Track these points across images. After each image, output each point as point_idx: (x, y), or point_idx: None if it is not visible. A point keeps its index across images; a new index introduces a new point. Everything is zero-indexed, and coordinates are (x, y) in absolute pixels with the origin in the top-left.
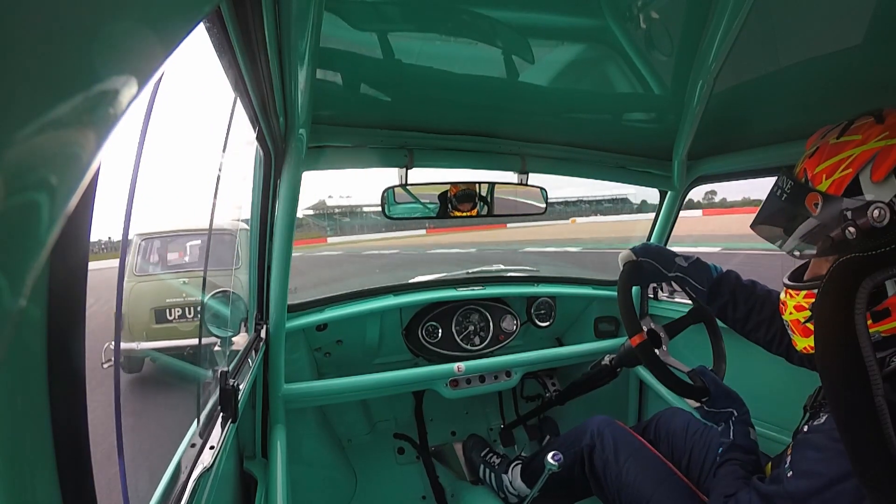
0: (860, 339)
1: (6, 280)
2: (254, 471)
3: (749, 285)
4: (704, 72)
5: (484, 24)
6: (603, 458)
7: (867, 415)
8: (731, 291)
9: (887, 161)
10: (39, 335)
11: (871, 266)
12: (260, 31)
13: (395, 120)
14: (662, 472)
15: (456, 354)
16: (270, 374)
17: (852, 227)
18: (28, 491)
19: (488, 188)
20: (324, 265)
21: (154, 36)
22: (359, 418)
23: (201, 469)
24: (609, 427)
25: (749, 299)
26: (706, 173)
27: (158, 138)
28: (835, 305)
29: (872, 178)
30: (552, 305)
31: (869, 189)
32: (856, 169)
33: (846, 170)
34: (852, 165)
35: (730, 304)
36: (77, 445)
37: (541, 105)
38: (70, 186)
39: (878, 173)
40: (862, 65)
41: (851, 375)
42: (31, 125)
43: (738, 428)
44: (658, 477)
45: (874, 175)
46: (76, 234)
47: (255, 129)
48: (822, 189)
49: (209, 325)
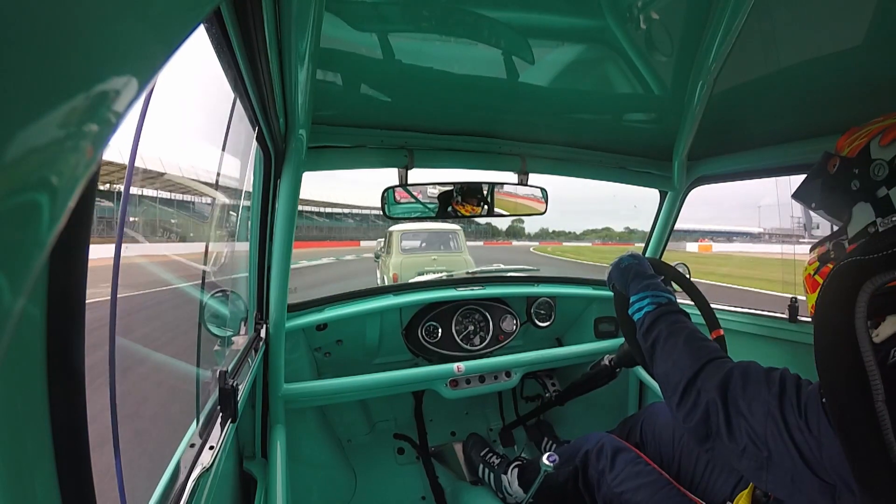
0: (860, 343)
1: (6, 280)
2: (253, 471)
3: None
4: (704, 72)
5: (484, 24)
6: (598, 470)
7: (867, 420)
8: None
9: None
10: (39, 335)
11: (872, 269)
12: (260, 32)
13: (395, 120)
14: (658, 483)
15: (456, 354)
16: (270, 373)
17: (857, 180)
18: (28, 491)
19: (488, 188)
20: None
21: (154, 36)
22: (359, 418)
23: (201, 469)
24: (606, 441)
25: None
26: (706, 174)
27: (157, 138)
28: (835, 308)
29: (881, 143)
30: (552, 306)
31: (876, 152)
32: (869, 138)
33: (861, 139)
34: (867, 136)
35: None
36: (77, 445)
37: (541, 105)
38: (70, 186)
39: (885, 139)
40: (862, 66)
41: (851, 380)
42: (32, 125)
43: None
44: (654, 489)
45: (882, 140)
46: (76, 234)
47: (254, 129)
48: (842, 154)
49: (209, 324)
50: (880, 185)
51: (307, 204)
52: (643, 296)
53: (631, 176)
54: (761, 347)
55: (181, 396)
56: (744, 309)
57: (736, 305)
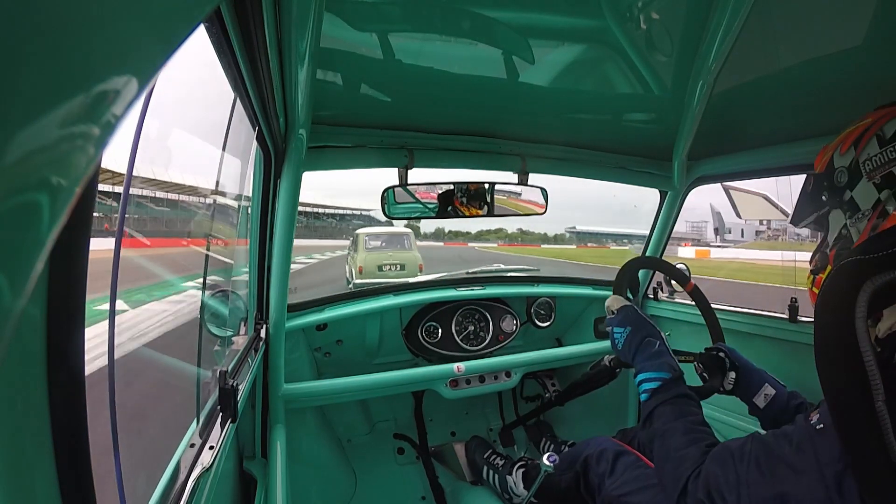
0: (860, 343)
1: (6, 280)
2: (253, 471)
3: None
4: (704, 72)
5: (484, 24)
6: (598, 475)
7: (867, 420)
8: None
9: (849, 139)
10: (39, 335)
11: (871, 269)
12: (260, 32)
13: (396, 120)
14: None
15: (456, 355)
16: (270, 373)
17: (826, 192)
18: (28, 491)
19: (488, 188)
20: None
21: (154, 36)
22: (358, 418)
23: (201, 469)
24: (607, 445)
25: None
26: (706, 174)
27: (158, 137)
28: (835, 308)
29: (840, 152)
30: (552, 306)
31: (838, 161)
32: (832, 151)
33: (826, 154)
34: (831, 149)
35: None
36: (77, 445)
37: (541, 105)
38: (70, 186)
39: (843, 148)
40: (862, 66)
41: (851, 380)
42: (32, 125)
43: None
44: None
45: (841, 149)
46: (76, 234)
47: (254, 129)
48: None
49: (209, 324)
50: (844, 190)
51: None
52: (645, 377)
53: (631, 176)
54: (761, 347)
55: (181, 396)
56: (744, 309)
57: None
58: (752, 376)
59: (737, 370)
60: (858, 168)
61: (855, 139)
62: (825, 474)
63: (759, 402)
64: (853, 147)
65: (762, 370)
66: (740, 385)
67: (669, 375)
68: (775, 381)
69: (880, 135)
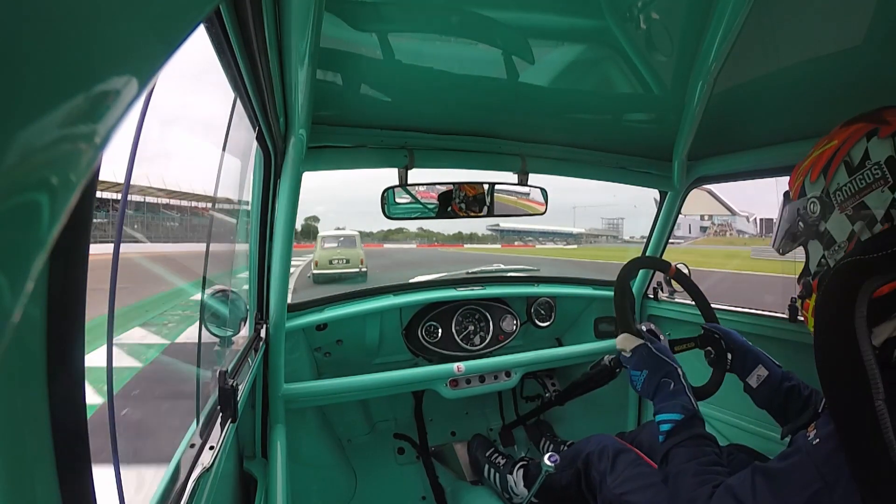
0: (860, 343)
1: (6, 280)
2: (253, 471)
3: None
4: (704, 72)
5: (484, 24)
6: (599, 472)
7: (867, 419)
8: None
9: (818, 165)
10: (39, 335)
11: (871, 269)
12: (260, 32)
13: (396, 120)
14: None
15: (456, 354)
16: (270, 373)
17: (801, 221)
18: (28, 491)
19: (488, 188)
20: None
21: (154, 36)
22: (359, 418)
23: (201, 469)
24: (608, 443)
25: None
26: (706, 174)
27: (157, 138)
28: (835, 308)
29: (810, 179)
30: (552, 305)
31: (809, 189)
32: (802, 176)
33: (798, 179)
34: (802, 174)
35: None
36: (77, 445)
37: (541, 105)
38: (70, 186)
39: (813, 175)
40: (862, 66)
41: (851, 380)
42: (32, 125)
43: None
44: (655, 490)
45: (811, 177)
46: (76, 234)
47: (254, 129)
48: (789, 196)
49: (208, 324)
50: (819, 221)
51: None
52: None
53: (631, 176)
54: (761, 347)
55: (181, 396)
56: (744, 309)
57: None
58: (747, 357)
59: (732, 351)
60: (830, 199)
61: (823, 166)
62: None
63: (752, 381)
64: (822, 176)
65: (758, 350)
66: (735, 366)
67: (682, 417)
68: (771, 361)
69: (848, 161)
